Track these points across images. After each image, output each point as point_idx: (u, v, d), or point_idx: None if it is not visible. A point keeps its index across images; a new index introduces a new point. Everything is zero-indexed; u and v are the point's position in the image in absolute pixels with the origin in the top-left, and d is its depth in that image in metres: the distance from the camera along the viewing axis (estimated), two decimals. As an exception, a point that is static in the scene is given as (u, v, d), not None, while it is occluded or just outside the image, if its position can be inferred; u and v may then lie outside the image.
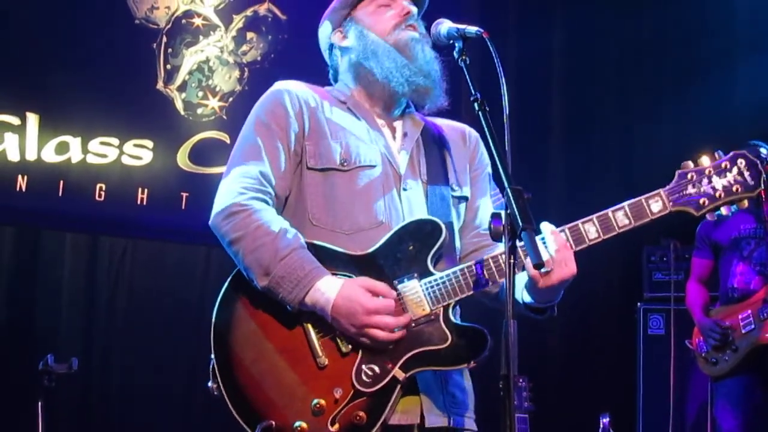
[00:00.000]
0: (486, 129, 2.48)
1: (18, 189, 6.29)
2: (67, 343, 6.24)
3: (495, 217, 2.29)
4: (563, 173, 7.31)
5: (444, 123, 3.02)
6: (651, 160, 7.01)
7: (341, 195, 2.70)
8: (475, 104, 2.55)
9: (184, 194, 6.52)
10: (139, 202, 6.49)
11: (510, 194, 2.29)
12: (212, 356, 2.62)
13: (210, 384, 2.62)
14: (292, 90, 2.83)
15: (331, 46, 2.99)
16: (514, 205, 2.27)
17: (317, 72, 3.09)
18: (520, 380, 5.29)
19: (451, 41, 2.68)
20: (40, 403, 5.09)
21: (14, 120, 6.33)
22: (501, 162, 2.41)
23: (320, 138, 2.75)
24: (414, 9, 2.91)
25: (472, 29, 2.63)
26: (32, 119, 6.35)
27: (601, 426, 5.48)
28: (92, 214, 6.43)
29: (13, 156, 6.30)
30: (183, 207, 6.49)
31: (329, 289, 2.53)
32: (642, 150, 7.27)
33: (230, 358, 2.61)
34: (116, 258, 6.56)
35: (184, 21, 6.73)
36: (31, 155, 6.33)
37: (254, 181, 2.68)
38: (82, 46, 6.45)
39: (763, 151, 5.52)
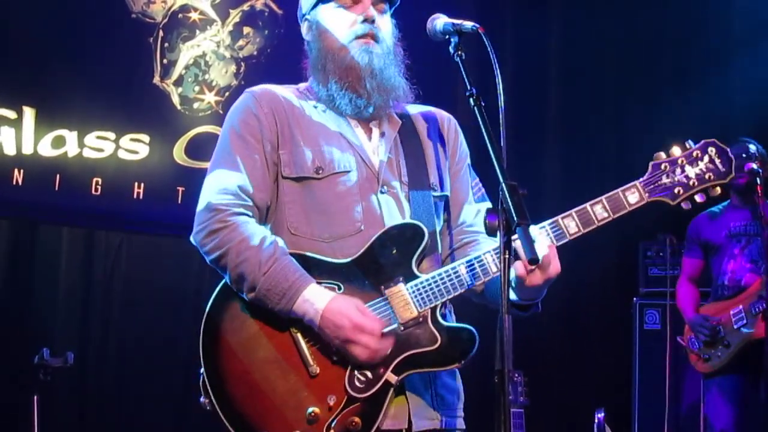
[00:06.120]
0: (482, 124, 2.47)
1: (14, 183, 6.29)
2: (62, 337, 6.23)
3: (490, 212, 2.29)
4: (559, 169, 7.31)
5: (421, 112, 2.92)
6: (647, 156, 7.00)
7: (318, 203, 2.66)
8: (471, 99, 2.54)
9: (180, 189, 6.52)
10: (135, 196, 6.48)
11: (505, 189, 2.27)
12: (202, 370, 2.58)
13: (202, 399, 2.57)
14: (262, 98, 2.75)
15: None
16: (509, 201, 2.25)
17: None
18: (516, 375, 5.29)
19: (447, 36, 2.66)
20: (35, 397, 5.09)
21: (11, 114, 6.32)
22: (496, 157, 2.39)
23: (293, 146, 2.70)
24: (373, 13, 2.75)
25: (468, 24, 2.62)
26: (29, 113, 6.34)
27: (597, 421, 5.49)
28: (88, 208, 6.42)
29: (10, 150, 6.29)
30: (179, 201, 6.48)
31: (318, 299, 2.51)
32: (637, 146, 7.24)
33: (221, 370, 2.56)
34: (112, 252, 6.56)
35: (180, 15, 6.72)
36: (27, 149, 6.32)
37: (232, 196, 2.65)
38: (78, 40, 6.44)
39: (752, 147, 5.54)
